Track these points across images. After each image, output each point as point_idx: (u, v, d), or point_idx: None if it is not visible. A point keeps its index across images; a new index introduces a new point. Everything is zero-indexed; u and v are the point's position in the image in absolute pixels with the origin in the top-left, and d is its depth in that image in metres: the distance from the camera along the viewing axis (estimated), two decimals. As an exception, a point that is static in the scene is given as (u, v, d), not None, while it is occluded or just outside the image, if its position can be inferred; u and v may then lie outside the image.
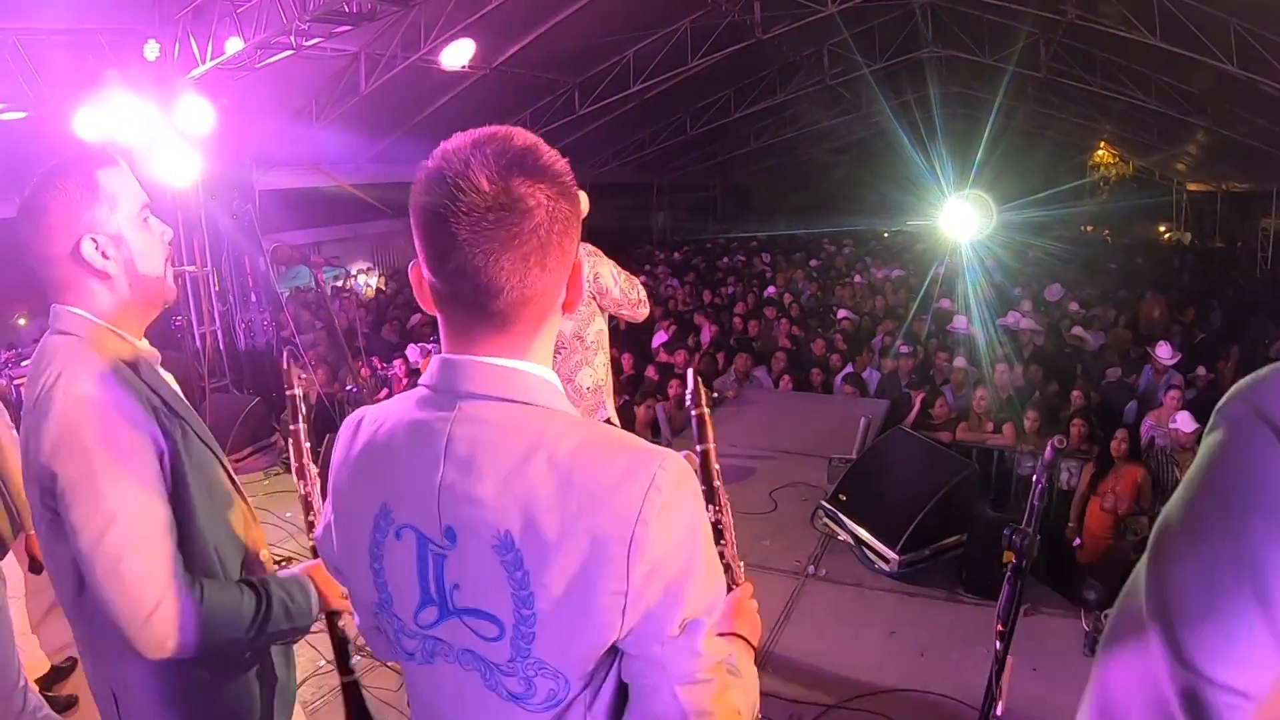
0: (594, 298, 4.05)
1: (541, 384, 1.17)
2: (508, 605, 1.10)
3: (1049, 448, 2.51)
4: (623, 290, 4.10)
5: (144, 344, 1.86)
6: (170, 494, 1.68)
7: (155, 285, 1.85)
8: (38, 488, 1.64)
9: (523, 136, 1.15)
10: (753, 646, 1.37)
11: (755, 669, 1.30)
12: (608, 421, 4.23)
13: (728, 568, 1.68)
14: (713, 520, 1.71)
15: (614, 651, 1.13)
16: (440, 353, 1.21)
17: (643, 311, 4.26)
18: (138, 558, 1.59)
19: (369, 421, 1.26)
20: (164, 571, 1.61)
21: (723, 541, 1.75)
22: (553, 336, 1.23)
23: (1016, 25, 12.86)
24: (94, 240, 1.72)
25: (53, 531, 1.67)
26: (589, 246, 4.07)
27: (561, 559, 1.07)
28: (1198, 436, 6.77)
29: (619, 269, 4.19)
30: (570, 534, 1.07)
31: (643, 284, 4.29)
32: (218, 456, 1.87)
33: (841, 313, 12.38)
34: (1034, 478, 2.61)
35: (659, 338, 11.20)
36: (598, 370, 4.17)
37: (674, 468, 1.10)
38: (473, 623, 1.13)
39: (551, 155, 1.14)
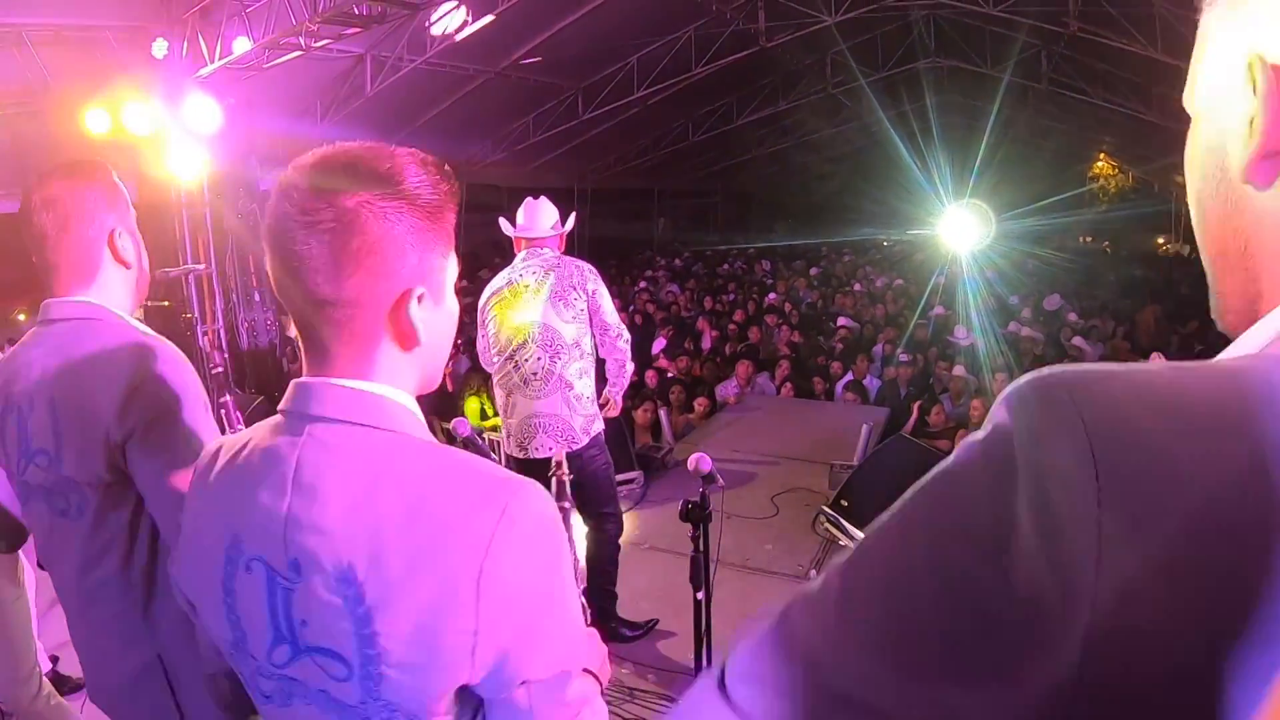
0: (598, 309, 4.16)
1: (392, 407, 1.11)
2: (351, 644, 1.03)
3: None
4: (616, 324, 4.24)
5: None
6: None
7: (147, 281, 1.97)
8: (97, 463, 1.69)
9: (360, 149, 1.11)
10: (599, 679, 1.27)
11: (604, 704, 1.22)
12: (601, 434, 4.31)
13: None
14: None
15: (473, 695, 1.08)
16: None
17: (622, 346, 4.30)
18: None
19: (225, 449, 1.20)
20: None
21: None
22: (409, 360, 1.14)
23: (1017, 36, 12.94)
24: (123, 234, 1.85)
25: (99, 508, 1.74)
26: (587, 266, 4.21)
27: (406, 595, 1.00)
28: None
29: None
30: (416, 568, 1.00)
31: (643, 289, 4.38)
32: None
33: (841, 321, 12.39)
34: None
35: (658, 344, 11.24)
36: (592, 379, 4.25)
37: (529, 497, 1.04)
38: (322, 661, 1.06)
39: (389, 163, 1.09)
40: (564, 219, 4.32)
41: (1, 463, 1.84)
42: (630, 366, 4.42)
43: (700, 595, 3.07)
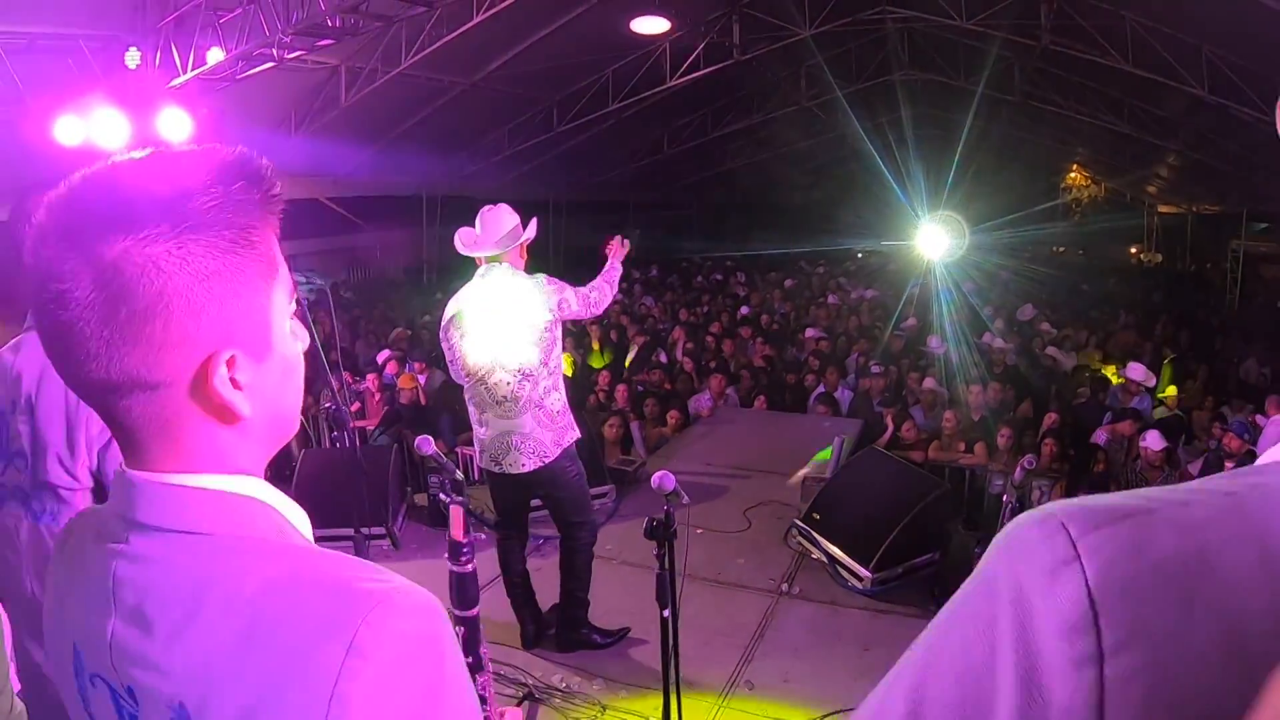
0: (558, 323, 4.13)
1: (224, 502, 0.89)
2: None
3: (1019, 468, 2.58)
4: (581, 299, 4.22)
5: None
6: None
7: None
8: (80, 464, 1.72)
9: (130, 165, 0.87)
10: None
11: None
12: (578, 442, 4.30)
13: None
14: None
15: None
16: (412, 365, 1.02)
17: (600, 306, 4.37)
18: None
19: (70, 537, 1.03)
20: None
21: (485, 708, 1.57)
22: (238, 434, 0.91)
23: (991, 49, 13.06)
24: None
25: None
26: (544, 276, 4.18)
27: None
28: (1166, 455, 6.92)
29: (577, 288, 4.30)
30: (255, 712, 0.82)
31: (617, 299, 4.37)
32: None
33: (810, 332, 12.39)
34: (1004, 497, 2.67)
35: (633, 355, 11.23)
36: (562, 392, 4.24)
37: (385, 618, 0.82)
38: None
39: (163, 181, 0.85)
40: (526, 224, 4.23)
41: None
42: (582, 299, 4.28)
43: (667, 613, 3.05)
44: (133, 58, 7.93)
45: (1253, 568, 0.52)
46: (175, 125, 8.12)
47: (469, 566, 2.08)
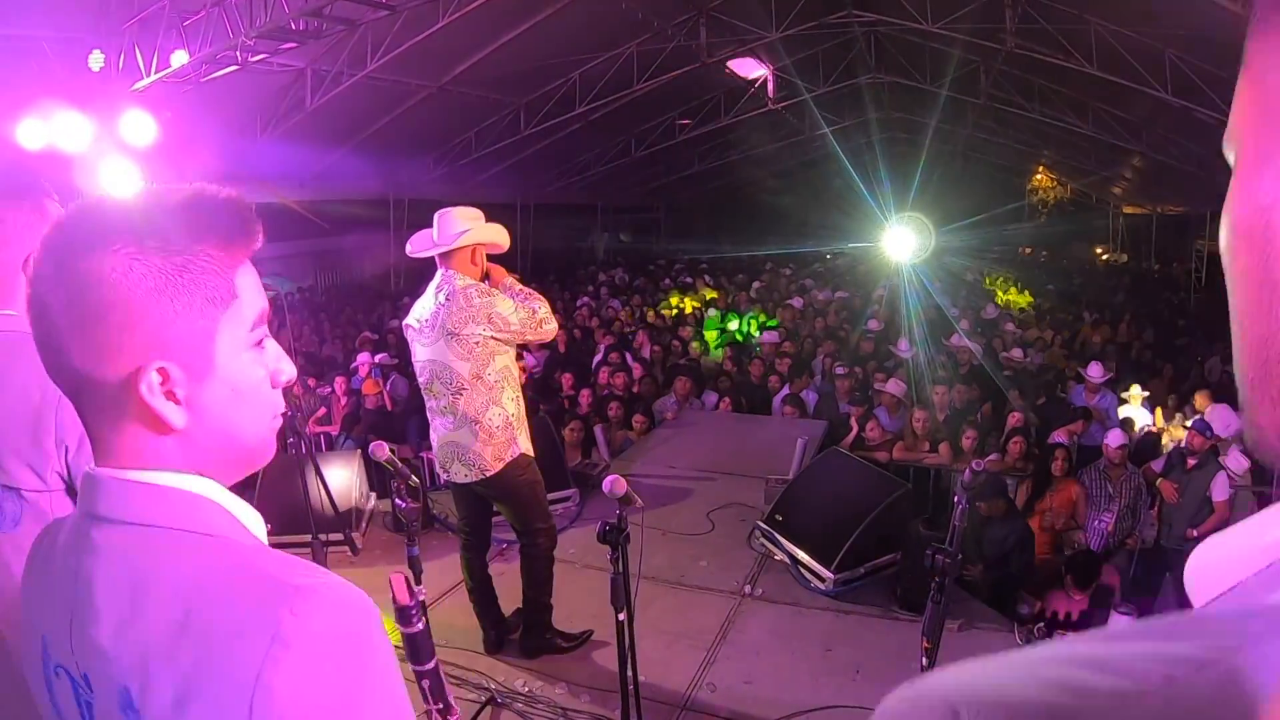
0: (494, 336, 4.01)
1: (168, 496, 0.96)
2: None
3: (968, 470, 2.60)
4: (522, 321, 4.06)
5: None
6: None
7: None
8: (47, 465, 1.77)
9: (109, 199, 0.98)
10: None
11: None
12: (521, 457, 4.21)
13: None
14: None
15: None
16: (377, 370, 1.07)
17: (550, 328, 4.21)
18: None
19: (45, 535, 1.09)
20: None
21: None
22: (182, 442, 0.97)
23: (957, 53, 13.18)
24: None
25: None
26: (482, 286, 4.07)
27: None
28: (1126, 452, 7.01)
29: (520, 288, 4.19)
30: (187, 698, 0.86)
31: (585, 304, 4.34)
32: None
33: (766, 335, 12.36)
34: (955, 498, 2.69)
35: (599, 357, 11.22)
36: (507, 406, 4.13)
37: (310, 611, 0.87)
38: None
39: (123, 208, 0.96)
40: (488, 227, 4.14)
41: None
42: (526, 312, 4.11)
43: (622, 616, 3.06)
44: (96, 60, 7.87)
45: None
46: (138, 128, 8.05)
47: (418, 626, 2.09)
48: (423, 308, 4.11)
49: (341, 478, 6.06)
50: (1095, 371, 9.17)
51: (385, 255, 17.73)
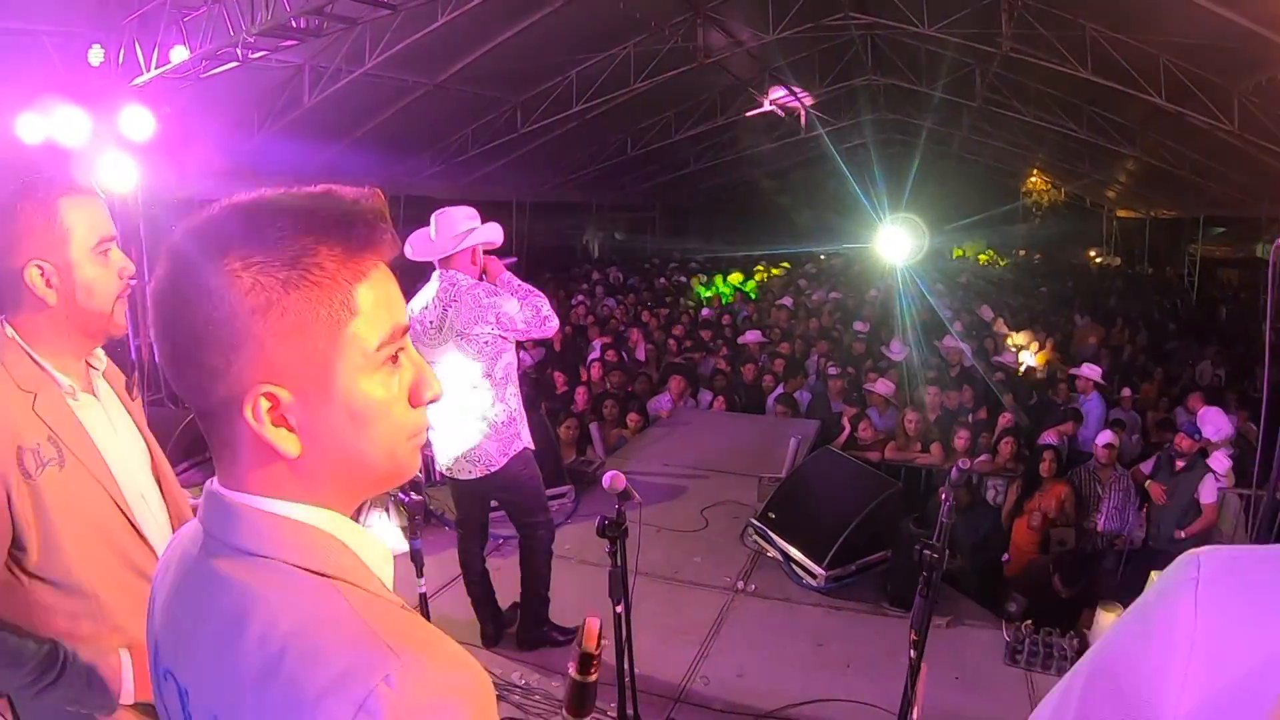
0: (500, 335, 4.07)
1: (285, 530, 0.91)
2: None
3: (954, 469, 2.67)
4: (527, 320, 4.11)
5: (63, 374, 1.88)
6: (24, 527, 1.74)
7: (97, 319, 1.89)
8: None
9: (223, 203, 0.91)
10: None
11: None
12: (525, 451, 4.27)
13: None
14: None
15: None
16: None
17: (552, 324, 4.24)
18: None
19: (174, 542, 1.07)
20: None
21: None
22: (300, 470, 0.92)
23: (952, 56, 13.24)
24: (40, 267, 1.79)
25: None
26: (488, 286, 4.12)
27: None
28: (1116, 453, 7.09)
29: (519, 284, 4.24)
30: None
31: (580, 302, 4.41)
32: (106, 489, 1.87)
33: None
34: (942, 496, 2.76)
35: (593, 355, 11.27)
36: (510, 402, 4.18)
37: (411, 684, 0.80)
38: None
39: (221, 219, 0.90)
40: (489, 228, 4.18)
41: None
42: (531, 310, 4.15)
43: (620, 609, 3.13)
44: (96, 55, 7.90)
45: None
46: (137, 123, 8.09)
47: (591, 677, 2.17)
48: (423, 309, 4.12)
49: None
50: (1089, 373, 9.23)
51: (380, 252, 17.77)
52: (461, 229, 4.10)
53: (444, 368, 4.05)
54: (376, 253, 0.93)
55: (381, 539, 1.01)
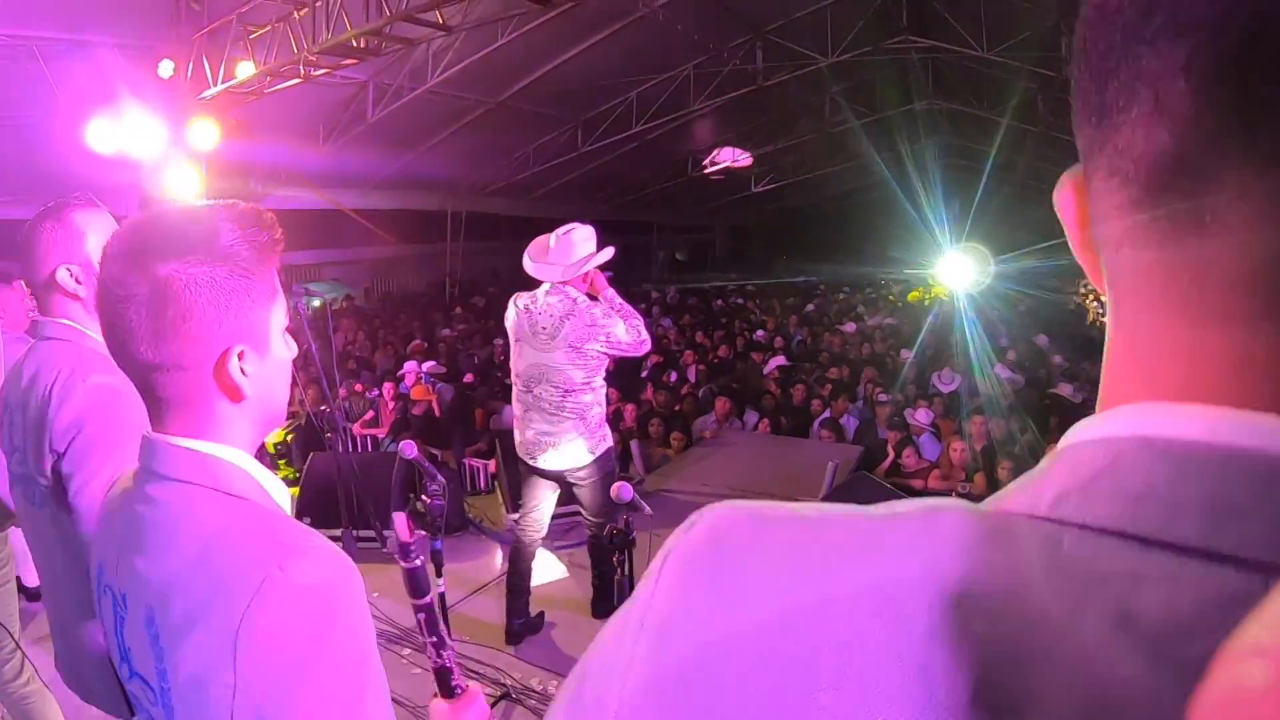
0: (606, 352, 4.39)
1: (215, 463, 1.17)
2: (154, 677, 1.11)
3: (953, 494, 2.68)
4: (629, 342, 4.43)
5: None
6: None
7: None
8: (46, 465, 2.00)
9: (173, 214, 1.18)
10: None
11: None
12: (610, 450, 4.58)
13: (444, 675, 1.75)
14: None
15: None
16: (428, 378, 1.29)
17: (647, 346, 4.59)
18: None
19: (115, 485, 1.31)
20: None
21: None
22: (240, 412, 1.20)
23: (1014, 79, 13.15)
24: (68, 269, 2.12)
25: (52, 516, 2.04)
26: (604, 307, 4.43)
27: (184, 642, 1.06)
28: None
29: (620, 303, 4.59)
30: (193, 619, 1.06)
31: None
32: None
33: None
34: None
35: (645, 374, 11.34)
36: (603, 405, 4.53)
37: (298, 567, 1.05)
38: (141, 687, 1.16)
39: (200, 226, 1.15)
40: (601, 248, 4.50)
41: (4, 450, 2.20)
42: (633, 333, 4.49)
43: (627, 619, 3.17)
44: (166, 69, 8.21)
45: None
46: (204, 135, 8.40)
47: (417, 563, 2.23)
48: (534, 312, 4.41)
49: (382, 476, 6.24)
50: None
51: (440, 266, 18.06)
52: (582, 253, 4.40)
53: (546, 371, 4.37)
54: (280, 249, 1.22)
55: (280, 481, 1.29)
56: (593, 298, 4.49)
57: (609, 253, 4.51)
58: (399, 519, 2.13)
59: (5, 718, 3.30)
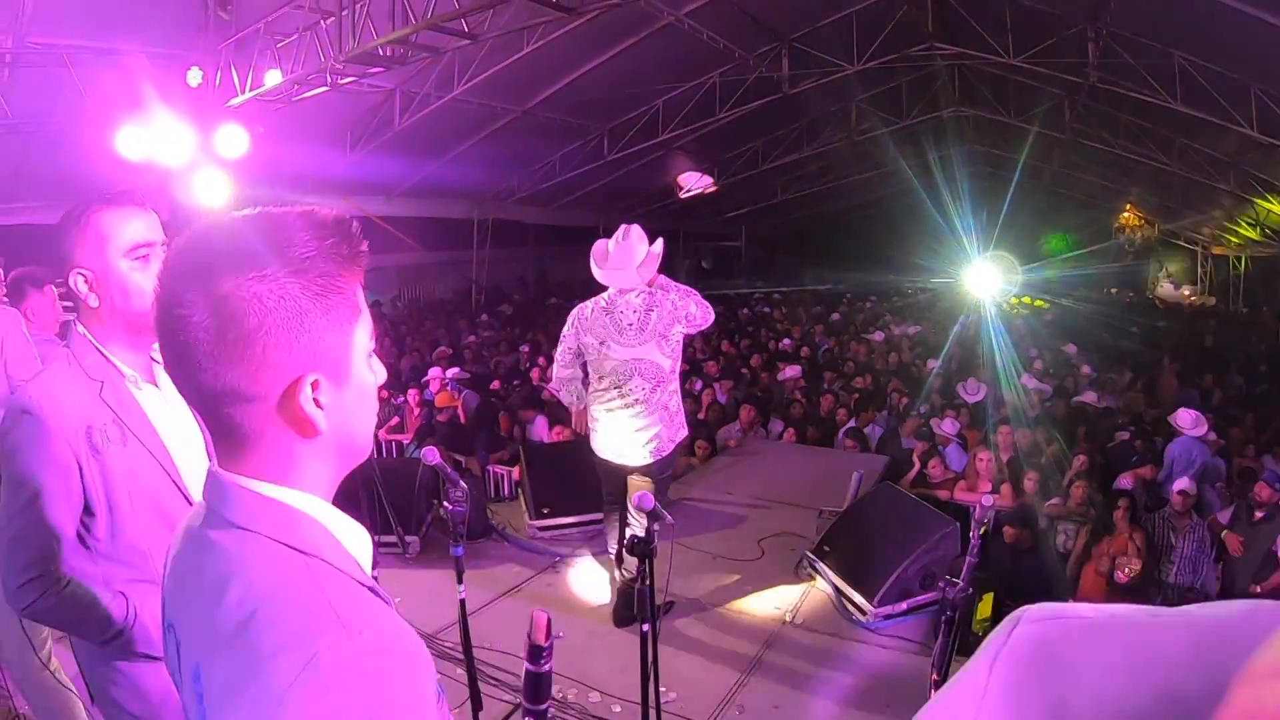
0: (686, 331, 4.70)
1: (277, 511, 1.05)
2: None
3: (978, 506, 2.65)
4: (701, 315, 4.75)
5: (127, 366, 2.14)
6: (94, 496, 2.03)
7: (138, 319, 2.10)
8: None
9: (242, 220, 1.04)
10: None
11: None
12: (684, 440, 4.90)
13: None
14: None
15: None
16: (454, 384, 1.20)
17: (712, 315, 4.89)
18: (28, 539, 1.99)
19: (186, 518, 1.19)
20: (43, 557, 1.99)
21: None
22: (313, 449, 1.08)
23: (1040, 86, 13.07)
24: (83, 274, 2.06)
25: None
26: (680, 290, 4.78)
27: (225, 713, 0.96)
28: (1193, 502, 6.82)
29: (676, 284, 4.87)
30: (233, 690, 0.95)
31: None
32: (163, 466, 2.12)
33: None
34: (971, 534, 2.74)
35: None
36: (680, 393, 4.78)
37: (345, 649, 0.92)
38: None
39: (271, 233, 1.02)
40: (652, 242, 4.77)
41: None
42: (702, 306, 4.82)
43: (646, 627, 3.17)
44: (194, 76, 8.30)
45: None
46: (232, 141, 8.48)
47: (545, 668, 2.23)
48: (619, 313, 4.65)
49: (406, 483, 6.26)
50: (1186, 420, 8.63)
51: (466, 273, 18.11)
52: (642, 254, 4.71)
53: (638, 365, 4.58)
54: (364, 260, 1.08)
55: (359, 526, 1.16)
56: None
57: (660, 243, 4.78)
58: (538, 618, 2.08)
59: (30, 715, 3.33)
